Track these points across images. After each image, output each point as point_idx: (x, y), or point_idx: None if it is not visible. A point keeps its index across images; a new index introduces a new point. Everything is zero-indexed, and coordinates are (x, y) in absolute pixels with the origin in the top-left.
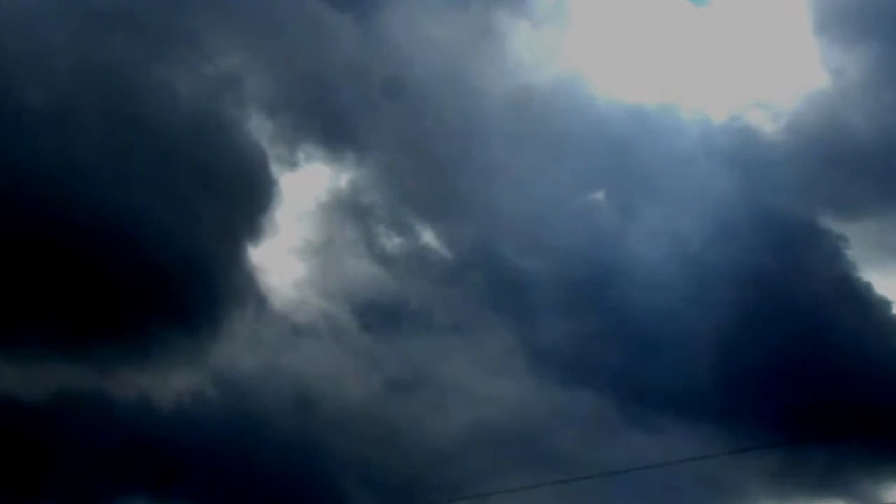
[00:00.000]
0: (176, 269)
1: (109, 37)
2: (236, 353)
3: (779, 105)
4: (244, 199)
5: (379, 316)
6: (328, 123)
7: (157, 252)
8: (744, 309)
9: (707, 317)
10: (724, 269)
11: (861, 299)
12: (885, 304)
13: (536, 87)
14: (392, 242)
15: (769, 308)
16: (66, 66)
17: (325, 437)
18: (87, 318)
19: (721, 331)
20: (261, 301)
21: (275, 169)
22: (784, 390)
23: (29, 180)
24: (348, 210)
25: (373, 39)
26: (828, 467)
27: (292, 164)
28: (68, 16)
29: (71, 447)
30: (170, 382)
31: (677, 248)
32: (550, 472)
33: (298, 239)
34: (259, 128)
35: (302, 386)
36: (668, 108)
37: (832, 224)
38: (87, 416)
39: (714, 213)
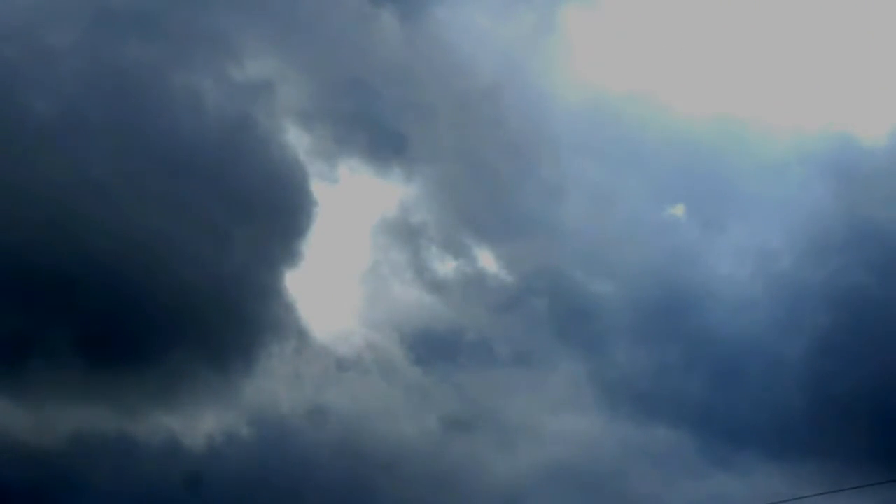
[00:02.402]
0: (205, 298)
1: (124, 39)
2: (274, 389)
3: (879, 109)
4: (280, 220)
5: (432, 348)
6: (373, 134)
7: (184, 280)
8: (840, 334)
9: (798, 343)
10: (818, 290)
11: None
12: None
13: (608, 92)
14: (445, 266)
15: (868, 333)
16: (75, 73)
17: (373, 481)
18: (107, 354)
19: (814, 358)
20: (300, 333)
21: (314, 186)
22: (883, 423)
23: (35, 201)
24: (396, 231)
25: (421, 39)
26: None
27: (333, 181)
28: (77, 16)
29: (91, 496)
30: (200, 423)
31: (766, 266)
32: None
33: (341, 264)
34: (295, 140)
35: (347, 425)
36: (755, 114)
37: None
38: (109, 461)
39: (807, 227)
